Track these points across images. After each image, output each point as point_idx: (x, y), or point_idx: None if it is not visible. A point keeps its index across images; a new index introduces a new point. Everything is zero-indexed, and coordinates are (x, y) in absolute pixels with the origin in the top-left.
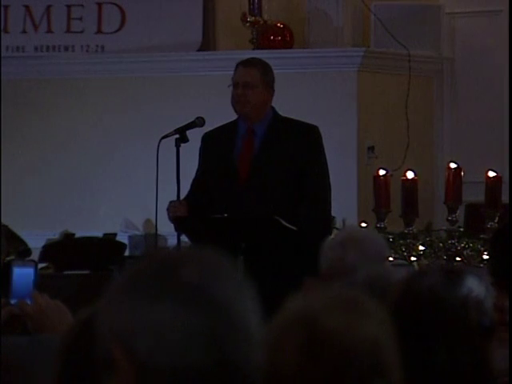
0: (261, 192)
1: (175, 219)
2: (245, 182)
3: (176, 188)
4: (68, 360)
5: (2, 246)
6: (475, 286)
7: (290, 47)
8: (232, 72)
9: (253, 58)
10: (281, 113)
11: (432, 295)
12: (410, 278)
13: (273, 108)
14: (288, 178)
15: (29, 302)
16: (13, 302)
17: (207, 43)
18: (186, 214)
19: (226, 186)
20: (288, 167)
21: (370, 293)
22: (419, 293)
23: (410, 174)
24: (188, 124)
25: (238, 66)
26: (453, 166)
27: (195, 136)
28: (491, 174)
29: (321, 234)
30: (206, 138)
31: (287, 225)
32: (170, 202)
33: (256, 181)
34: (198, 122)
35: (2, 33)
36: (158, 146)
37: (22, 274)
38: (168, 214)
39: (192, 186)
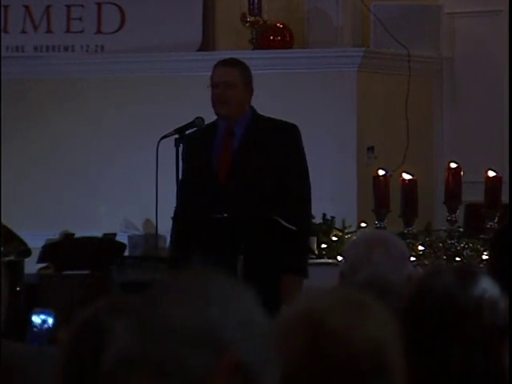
0: (240, 192)
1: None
2: (224, 183)
3: (175, 188)
4: (70, 360)
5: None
6: (489, 287)
7: (290, 47)
8: None
9: (231, 58)
10: (281, 113)
11: (446, 295)
12: (424, 278)
13: (251, 107)
14: (267, 177)
15: None
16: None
17: (207, 43)
18: None
19: (206, 187)
20: (267, 166)
21: (370, 292)
22: (433, 293)
23: (406, 176)
24: (187, 124)
25: (216, 66)
26: (452, 165)
27: None
28: (491, 173)
29: (305, 232)
30: (187, 141)
31: (287, 225)
32: None
33: (235, 181)
34: (198, 122)
35: (2, 33)
36: (158, 146)
37: (40, 321)
38: None
39: (181, 190)
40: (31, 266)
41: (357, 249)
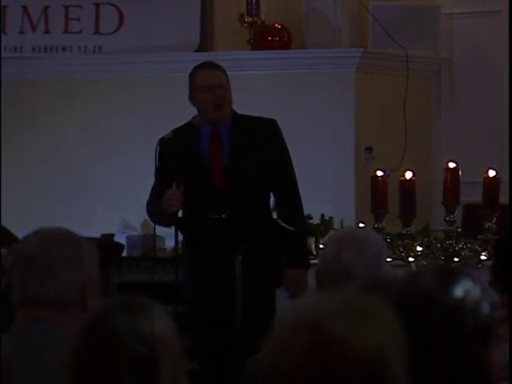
0: (238, 194)
1: (171, 214)
2: (221, 187)
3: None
4: (81, 353)
5: None
6: (470, 288)
7: (288, 48)
8: (231, 72)
9: (211, 61)
10: (279, 113)
11: (426, 297)
12: (406, 280)
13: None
14: (260, 175)
15: None
16: None
17: (205, 44)
18: (179, 208)
19: (202, 191)
20: (258, 165)
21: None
22: (413, 295)
23: (408, 174)
24: (185, 124)
25: (200, 70)
26: (451, 166)
27: None
28: (491, 173)
29: (303, 224)
30: (164, 144)
31: (285, 225)
32: (167, 194)
33: (232, 185)
34: (195, 122)
35: (1, 33)
36: (156, 146)
37: None
38: (164, 205)
39: (157, 192)
40: None
41: (329, 248)
